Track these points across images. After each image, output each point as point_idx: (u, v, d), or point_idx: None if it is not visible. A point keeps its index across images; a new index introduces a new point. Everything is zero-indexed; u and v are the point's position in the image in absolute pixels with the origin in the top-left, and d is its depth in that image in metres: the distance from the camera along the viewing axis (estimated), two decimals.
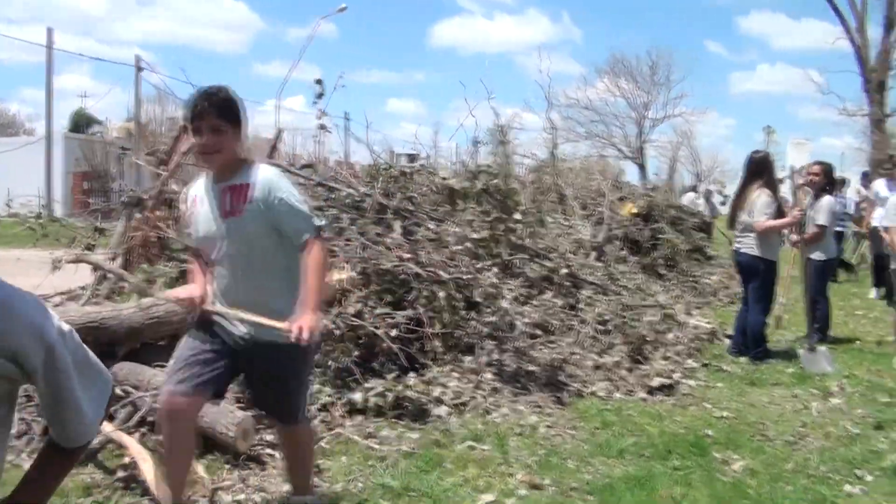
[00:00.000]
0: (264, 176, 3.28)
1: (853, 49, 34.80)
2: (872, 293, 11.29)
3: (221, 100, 3.21)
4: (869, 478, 4.36)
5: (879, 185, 11.32)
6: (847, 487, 4.21)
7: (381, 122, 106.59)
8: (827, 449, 4.81)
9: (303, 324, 3.06)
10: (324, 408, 4.94)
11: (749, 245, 7.21)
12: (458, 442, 4.65)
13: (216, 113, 3.17)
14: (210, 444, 4.18)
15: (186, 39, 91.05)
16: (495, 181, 8.00)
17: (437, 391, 5.31)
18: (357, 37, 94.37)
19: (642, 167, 50.97)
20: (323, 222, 3.35)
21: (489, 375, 5.72)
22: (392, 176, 7.76)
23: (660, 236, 10.13)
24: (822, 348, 7.05)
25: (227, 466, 4.11)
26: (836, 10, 34.83)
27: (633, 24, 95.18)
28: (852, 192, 14.23)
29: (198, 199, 3.39)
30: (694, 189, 23.49)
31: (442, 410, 5.13)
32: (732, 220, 7.52)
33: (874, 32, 35.16)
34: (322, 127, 8.47)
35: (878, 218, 10.34)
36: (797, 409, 5.66)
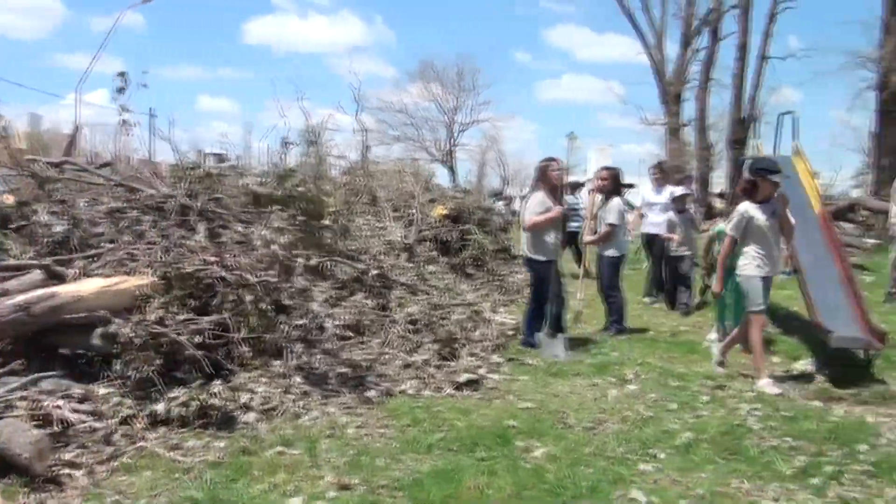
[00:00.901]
0: None
1: (652, 63, 37.41)
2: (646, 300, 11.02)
3: None
4: (662, 456, 4.69)
5: (646, 189, 11.49)
6: (642, 466, 4.51)
7: (191, 120, 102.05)
8: (623, 432, 5.12)
9: None
10: (125, 421, 4.75)
11: (525, 245, 7.64)
12: (267, 448, 4.61)
13: None
14: (6, 466, 3.93)
15: None
16: (301, 188, 7.94)
17: (244, 397, 5.23)
18: (166, 30, 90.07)
19: (452, 170, 52.11)
20: None
21: (299, 379, 5.70)
22: (198, 176, 7.53)
23: (468, 237, 10.41)
24: (561, 336, 7.42)
25: (24, 490, 3.87)
26: (636, 27, 37.36)
27: (445, 30, 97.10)
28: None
29: None
30: (499, 194, 24.31)
31: (250, 417, 5.06)
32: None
33: (671, 49, 37.97)
34: (125, 123, 8.12)
35: (652, 224, 10.71)
36: (596, 397, 5.99)
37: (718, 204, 16.38)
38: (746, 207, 6.61)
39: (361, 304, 7.16)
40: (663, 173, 10.78)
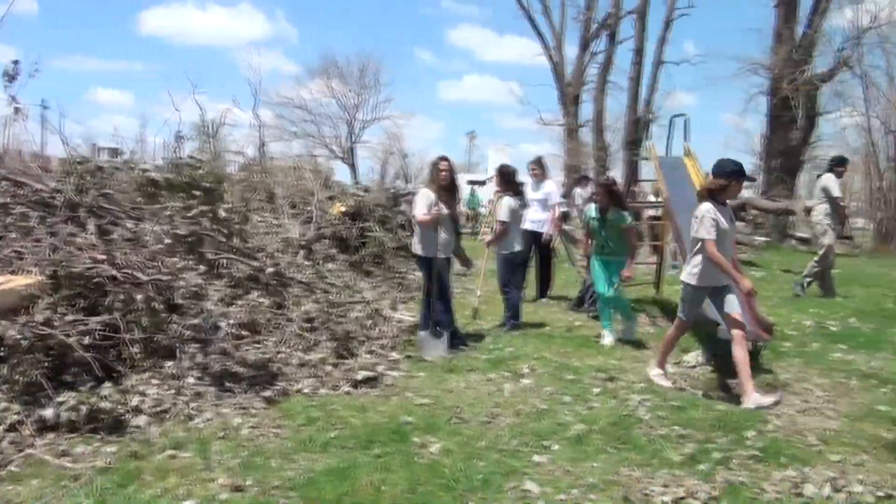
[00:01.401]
0: None
1: (551, 65, 38.17)
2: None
3: None
4: (556, 447, 4.79)
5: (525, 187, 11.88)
6: (535, 457, 4.59)
7: (85, 112, 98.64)
8: (517, 425, 5.20)
9: None
10: (12, 427, 4.56)
11: (414, 242, 7.69)
12: (158, 452, 4.50)
13: None
14: None
15: None
16: (199, 172, 7.77)
17: (135, 400, 5.10)
18: (60, 18, 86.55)
19: (353, 167, 51.84)
20: None
21: (192, 380, 5.58)
22: (88, 171, 7.27)
23: (368, 235, 10.35)
24: (444, 336, 7.36)
25: None
26: (536, 29, 38.06)
27: (347, 26, 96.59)
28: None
29: None
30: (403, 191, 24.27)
31: (141, 420, 4.93)
32: None
33: (570, 51, 38.82)
34: (17, 111, 7.77)
35: (531, 221, 10.61)
36: (491, 392, 6.05)
37: None
38: (712, 208, 6.11)
39: (257, 302, 7.03)
40: (541, 169, 10.73)
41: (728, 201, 6.29)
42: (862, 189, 34.63)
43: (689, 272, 6.27)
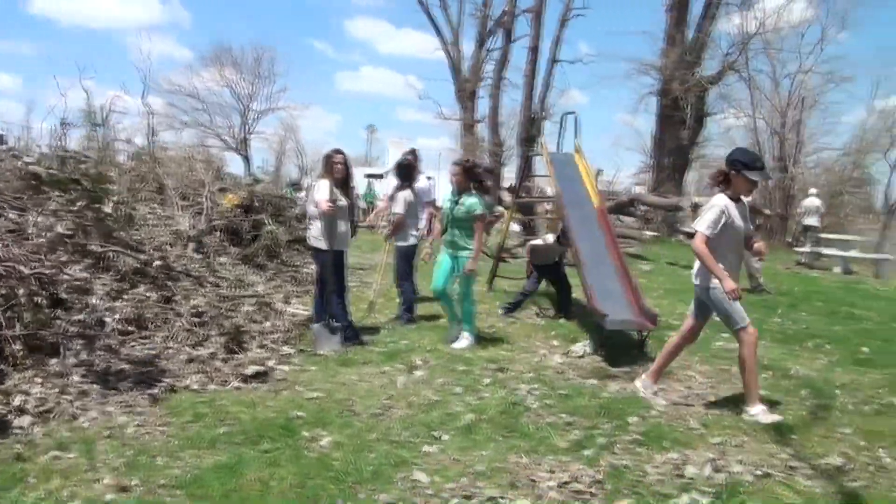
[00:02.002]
0: None
1: (448, 60, 38.38)
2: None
3: None
4: (446, 437, 4.85)
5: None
6: (426, 448, 4.64)
7: None
8: (409, 416, 5.24)
9: None
10: None
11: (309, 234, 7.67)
12: (42, 453, 4.35)
13: None
14: None
15: None
16: (84, 166, 7.51)
17: (18, 400, 4.92)
18: None
19: (247, 159, 50.90)
20: None
21: (77, 378, 5.42)
22: None
23: (261, 227, 10.19)
24: (338, 330, 7.31)
25: None
26: (434, 23, 38.17)
27: (242, 14, 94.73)
28: None
29: None
30: (297, 184, 24.03)
31: (24, 420, 4.76)
32: None
33: (468, 47, 39.10)
34: None
35: None
36: (384, 384, 6.07)
37: (507, 197, 17.03)
38: (725, 202, 5.52)
39: (144, 296, 6.84)
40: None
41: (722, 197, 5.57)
42: None
43: (697, 271, 5.72)
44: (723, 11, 26.99)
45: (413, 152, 9.09)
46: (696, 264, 5.68)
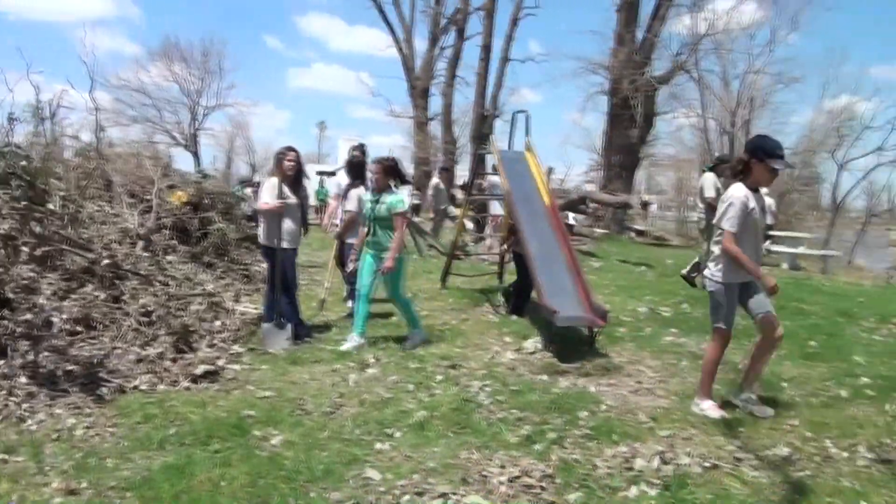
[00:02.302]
0: None
1: (401, 58, 38.40)
2: None
3: None
4: (398, 434, 4.87)
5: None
6: (378, 445, 4.66)
7: None
8: (361, 414, 5.24)
9: None
10: None
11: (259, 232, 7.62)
12: None
13: None
14: None
15: None
16: (24, 163, 7.35)
17: None
18: None
19: (196, 155, 50.18)
20: None
21: (24, 379, 5.33)
22: None
23: (210, 225, 10.06)
24: (288, 328, 7.30)
25: None
26: (386, 20, 38.13)
27: (194, 9, 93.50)
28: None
29: None
30: (247, 181, 23.77)
31: None
32: None
33: (420, 45, 39.17)
34: None
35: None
36: (335, 382, 6.06)
37: (460, 194, 17.11)
38: (746, 193, 5.28)
39: (92, 296, 6.74)
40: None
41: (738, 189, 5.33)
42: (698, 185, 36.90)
43: (714, 270, 5.44)
44: (673, 12, 27.39)
45: (361, 147, 9.03)
46: (719, 260, 5.40)
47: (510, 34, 35.37)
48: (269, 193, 7.30)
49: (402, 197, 7.37)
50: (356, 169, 8.67)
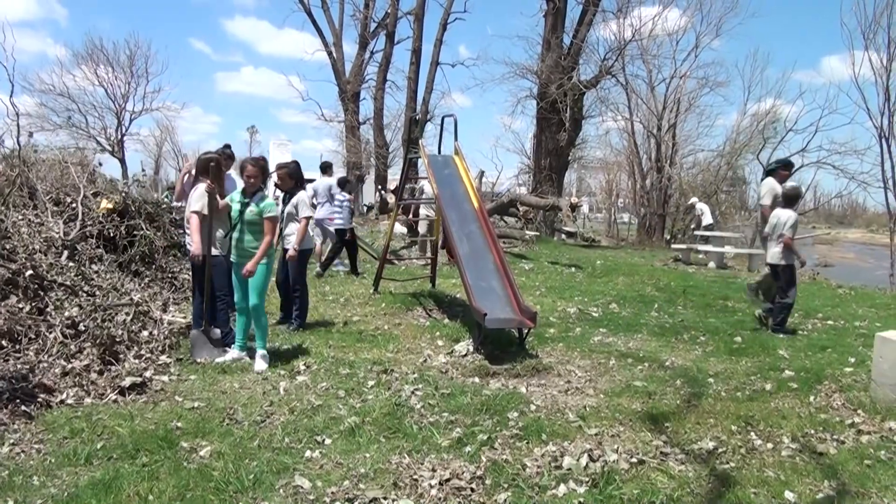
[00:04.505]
0: None
1: (331, 62, 38.25)
2: None
3: None
4: (328, 441, 4.89)
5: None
6: (308, 453, 4.66)
7: None
8: (291, 422, 5.24)
9: None
10: None
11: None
12: None
13: None
14: None
15: None
16: None
17: None
18: None
19: (123, 161, 49.00)
20: None
21: None
22: None
23: (136, 233, 9.88)
24: (217, 334, 7.24)
25: None
26: (315, 25, 37.93)
27: (120, 12, 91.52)
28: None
29: None
30: (172, 188, 23.35)
31: None
32: None
33: (350, 49, 39.04)
34: None
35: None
36: (266, 391, 6.04)
37: (391, 199, 17.16)
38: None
39: (15, 308, 6.57)
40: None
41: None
42: (627, 187, 37.63)
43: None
44: (599, 18, 27.85)
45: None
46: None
47: (440, 38, 35.58)
48: (199, 199, 7.16)
49: (273, 202, 7.04)
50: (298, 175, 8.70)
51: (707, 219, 22.91)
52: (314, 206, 11.74)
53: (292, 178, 8.65)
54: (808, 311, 10.65)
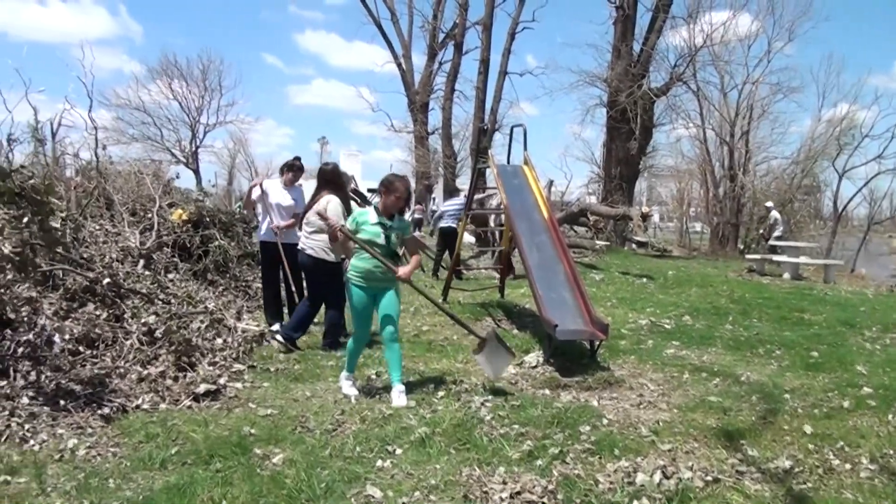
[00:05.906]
0: None
1: (400, 73, 38.64)
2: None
3: None
4: (399, 451, 4.86)
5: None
6: (379, 462, 4.64)
7: None
8: (362, 431, 5.23)
9: None
10: None
11: (312, 247, 7.68)
12: None
13: None
14: None
15: None
16: (32, 181, 7.37)
17: None
18: None
19: (197, 173, 50.20)
20: None
21: (26, 400, 5.31)
22: None
23: (210, 243, 10.09)
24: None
25: None
26: (385, 36, 38.40)
27: (194, 29, 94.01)
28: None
29: None
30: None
31: None
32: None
33: (419, 60, 39.43)
34: None
35: None
36: (337, 400, 6.06)
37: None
38: None
39: (93, 315, 6.75)
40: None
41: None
42: (699, 196, 37.05)
43: None
44: (669, 24, 27.52)
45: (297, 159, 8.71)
46: None
47: (508, 48, 35.56)
48: (334, 213, 7.37)
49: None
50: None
51: (779, 229, 22.36)
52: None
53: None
54: (886, 324, 10.26)
